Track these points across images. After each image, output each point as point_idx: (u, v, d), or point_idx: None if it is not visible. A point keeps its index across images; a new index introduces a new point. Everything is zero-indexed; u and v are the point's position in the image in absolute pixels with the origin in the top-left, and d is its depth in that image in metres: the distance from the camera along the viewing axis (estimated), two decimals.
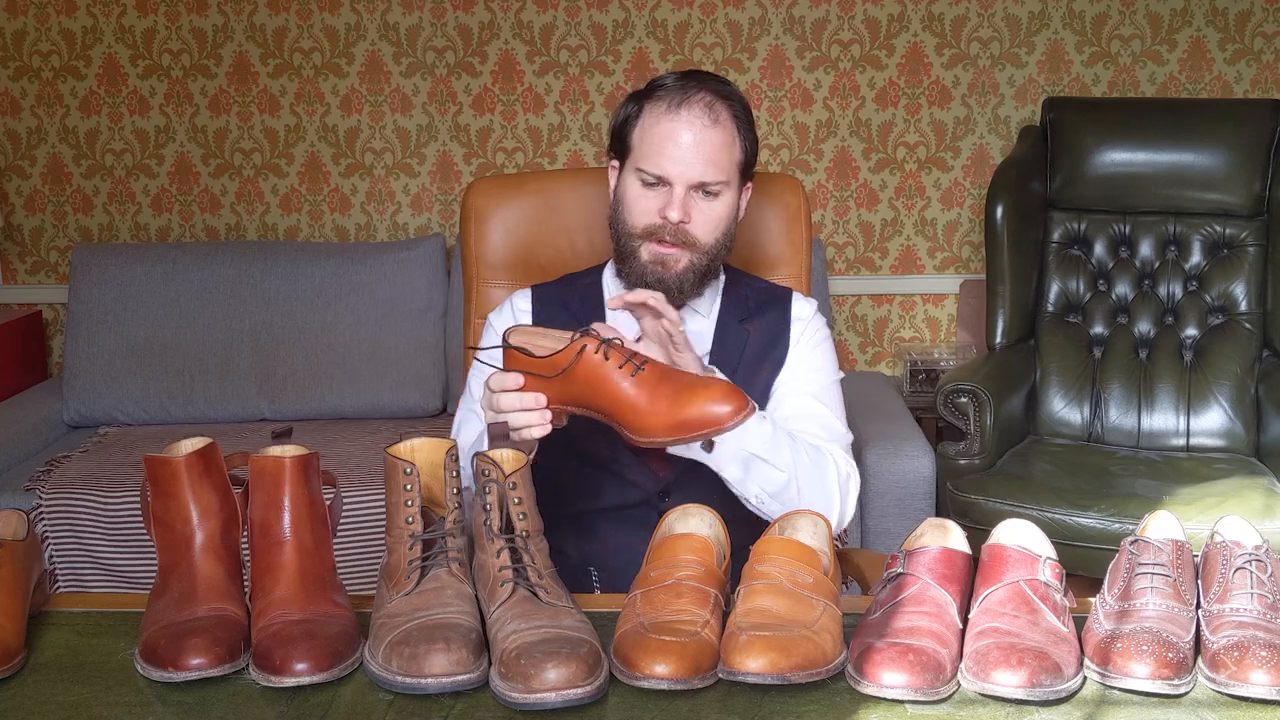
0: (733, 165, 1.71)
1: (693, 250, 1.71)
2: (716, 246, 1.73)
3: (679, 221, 1.68)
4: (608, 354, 1.40)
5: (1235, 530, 1.35)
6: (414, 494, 1.31)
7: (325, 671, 1.20)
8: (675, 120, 1.68)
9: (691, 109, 1.68)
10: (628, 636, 1.22)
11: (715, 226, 1.72)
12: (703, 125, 1.68)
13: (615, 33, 3.60)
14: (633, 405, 1.39)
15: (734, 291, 1.84)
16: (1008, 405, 3.08)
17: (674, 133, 1.68)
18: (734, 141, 1.71)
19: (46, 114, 3.70)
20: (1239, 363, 3.16)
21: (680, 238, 1.69)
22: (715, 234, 1.72)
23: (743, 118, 1.73)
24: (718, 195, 1.71)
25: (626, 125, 1.74)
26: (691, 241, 1.70)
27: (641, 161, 1.70)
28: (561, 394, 1.44)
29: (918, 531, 1.41)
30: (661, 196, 1.70)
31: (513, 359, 1.47)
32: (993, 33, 3.58)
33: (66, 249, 3.76)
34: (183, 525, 1.31)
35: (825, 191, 3.68)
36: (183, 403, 3.39)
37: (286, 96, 3.67)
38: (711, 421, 1.37)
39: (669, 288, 1.70)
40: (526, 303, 1.83)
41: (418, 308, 3.41)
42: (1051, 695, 1.16)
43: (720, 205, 1.71)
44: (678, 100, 1.69)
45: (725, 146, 1.70)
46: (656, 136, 1.69)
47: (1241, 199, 3.21)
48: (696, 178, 1.68)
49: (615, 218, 1.76)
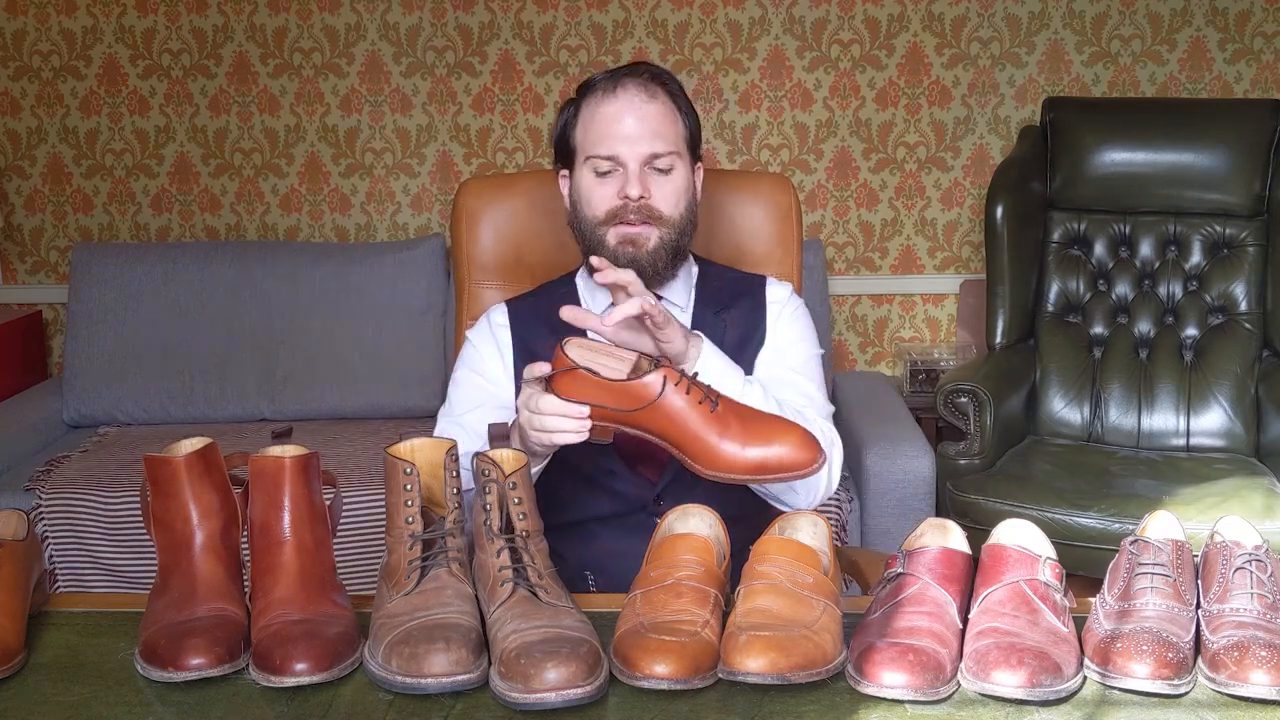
0: (678, 138, 1.74)
1: (660, 225, 1.72)
2: (683, 221, 1.74)
3: (640, 197, 1.70)
4: (688, 389, 1.39)
5: (1235, 530, 1.35)
6: (414, 494, 1.31)
7: (325, 671, 1.20)
8: (614, 103, 1.72)
9: (627, 89, 1.72)
10: (627, 636, 1.22)
11: (676, 199, 1.73)
12: (641, 101, 1.72)
13: (615, 33, 3.60)
14: (705, 442, 1.39)
15: (707, 283, 1.84)
16: (1008, 405, 3.08)
17: (616, 115, 1.71)
18: (675, 116, 1.74)
19: (46, 114, 3.70)
20: (1239, 363, 3.16)
21: (645, 214, 1.71)
22: (678, 207, 1.73)
23: (680, 95, 1.77)
24: (670, 170, 1.72)
25: (567, 129, 1.77)
26: (657, 215, 1.72)
27: (591, 149, 1.73)
28: (622, 417, 1.42)
29: (918, 531, 1.41)
30: (617, 179, 1.72)
31: (576, 380, 1.43)
32: (993, 33, 3.58)
33: (66, 249, 3.76)
34: (183, 525, 1.31)
35: (825, 191, 3.68)
36: (183, 403, 3.39)
37: (286, 96, 3.67)
38: (789, 468, 1.37)
39: (642, 267, 1.71)
40: (504, 317, 1.82)
41: (418, 308, 3.41)
42: (1051, 695, 1.16)
43: (676, 179, 1.73)
44: (612, 85, 1.73)
45: (668, 119, 1.73)
46: (600, 123, 1.72)
47: (1241, 199, 3.21)
48: (646, 150, 1.70)
49: (575, 219, 1.77)
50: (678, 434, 1.40)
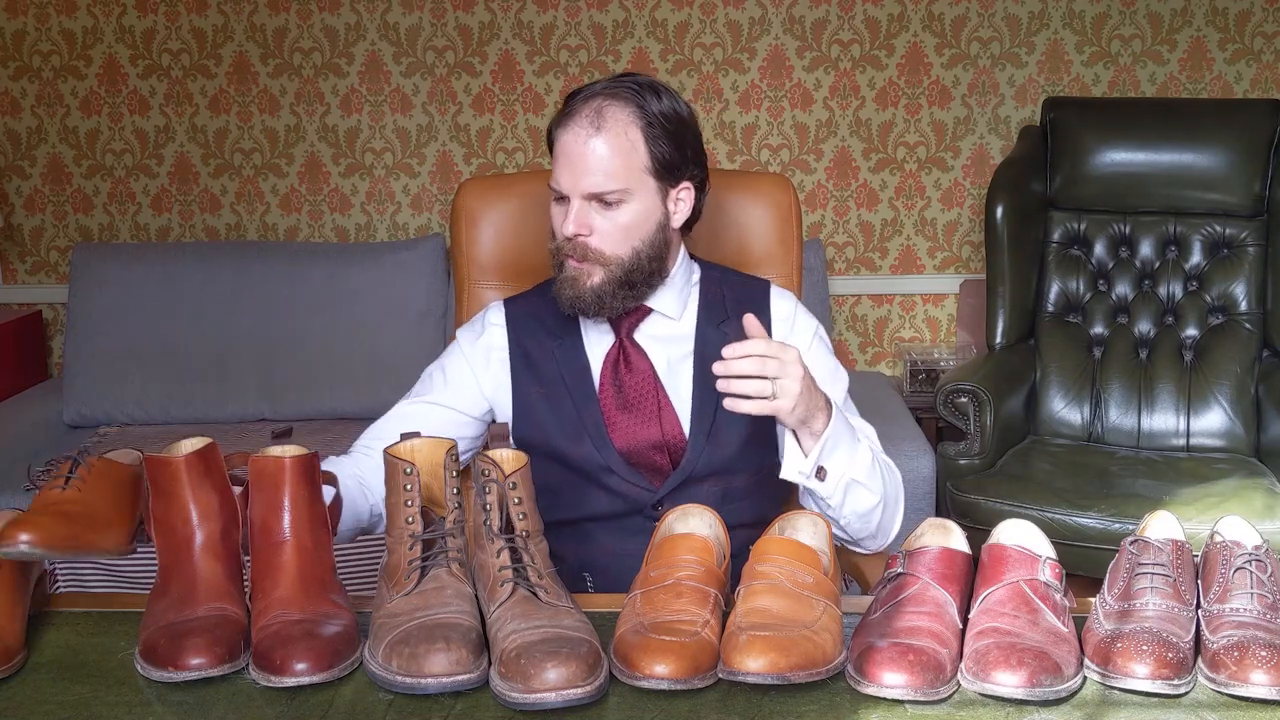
0: (633, 170, 1.64)
1: (602, 264, 1.66)
2: (635, 256, 1.66)
3: (575, 235, 1.65)
4: None
5: (1235, 530, 1.35)
6: (414, 494, 1.31)
7: (325, 671, 1.20)
8: (565, 133, 1.65)
9: (576, 120, 1.64)
10: (627, 636, 1.22)
11: (623, 236, 1.65)
12: (587, 135, 1.63)
13: (615, 33, 3.60)
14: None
15: (710, 290, 1.80)
16: (1008, 405, 3.08)
17: (565, 146, 1.65)
18: (632, 146, 1.63)
19: (46, 114, 3.70)
20: (1239, 363, 3.16)
21: (581, 253, 1.66)
22: (627, 244, 1.66)
23: (653, 119, 1.65)
24: (620, 204, 1.64)
25: (550, 145, 1.73)
26: (596, 255, 1.66)
27: (551, 179, 1.69)
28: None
29: (918, 531, 1.41)
30: (564, 212, 1.66)
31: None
32: (993, 33, 3.58)
33: (66, 249, 3.76)
34: (183, 525, 1.31)
35: (825, 191, 3.68)
36: (183, 403, 3.39)
37: (286, 96, 3.67)
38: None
39: (587, 303, 1.67)
40: (500, 317, 1.80)
41: (418, 308, 3.41)
42: (1051, 695, 1.16)
43: (624, 214, 1.65)
44: (567, 112, 1.66)
45: (620, 151, 1.63)
46: (556, 152, 1.66)
47: (1241, 199, 3.21)
48: (585, 188, 1.63)
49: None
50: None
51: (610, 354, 1.75)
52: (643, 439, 1.71)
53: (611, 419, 1.72)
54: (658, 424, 1.72)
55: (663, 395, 1.73)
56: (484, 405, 1.78)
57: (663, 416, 1.72)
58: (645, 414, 1.72)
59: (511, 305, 1.82)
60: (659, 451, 1.72)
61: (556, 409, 1.73)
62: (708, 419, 1.71)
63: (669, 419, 1.72)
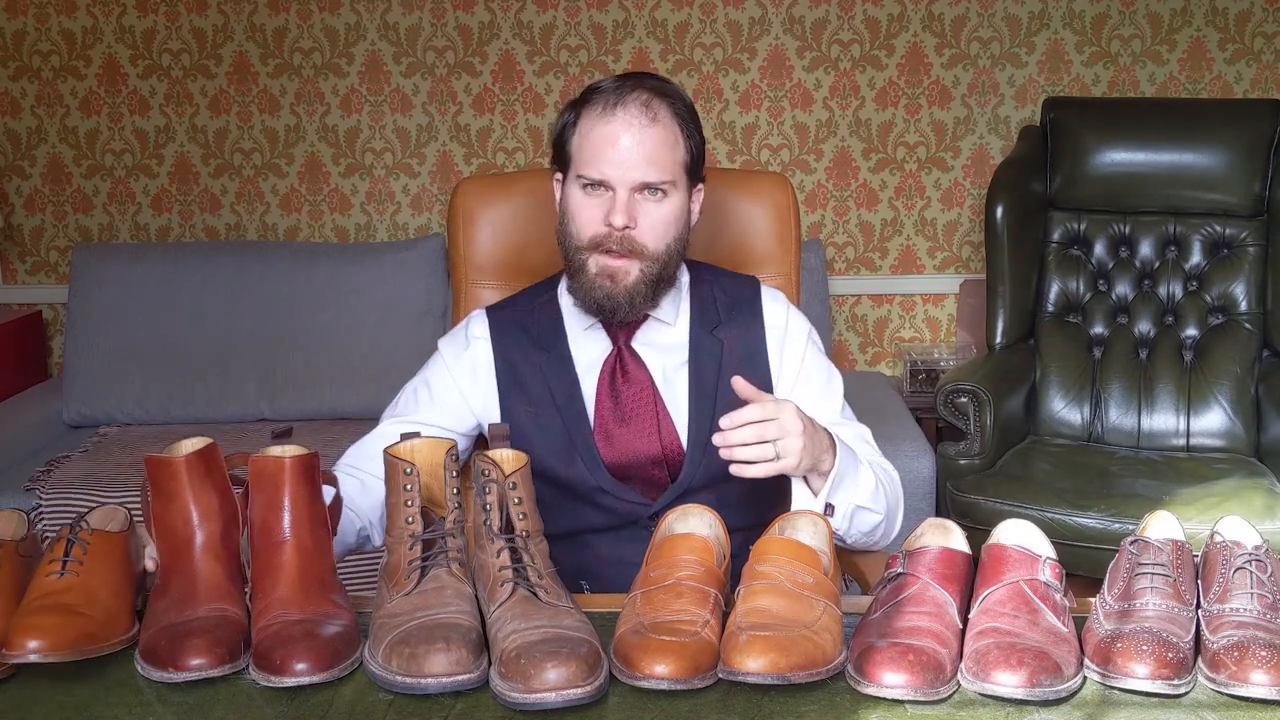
0: (676, 164, 1.65)
1: (641, 259, 1.63)
2: (668, 253, 1.65)
3: (624, 227, 1.62)
4: None
5: (1235, 530, 1.35)
6: (414, 494, 1.31)
7: (325, 671, 1.20)
8: (612, 122, 1.62)
9: (628, 109, 1.62)
10: (627, 636, 1.22)
11: (664, 230, 1.64)
12: (641, 124, 1.62)
13: (615, 33, 3.60)
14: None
15: (700, 293, 1.77)
16: (1008, 405, 3.08)
17: (611, 135, 1.62)
18: (676, 140, 1.65)
19: (46, 114, 3.70)
20: (1239, 363, 3.16)
21: (627, 246, 1.62)
22: (665, 239, 1.65)
23: (685, 116, 1.66)
24: (664, 197, 1.64)
25: (564, 135, 1.68)
26: (639, 250, 1.63)
27: (582, 168, 1.64)
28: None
29: (918, 531, 1.41)
30: (605, 203, 1.63)
31: None
32: (993, 33, 3.58)
33: (66, 249, 3.76)
34: (183, 526, 1.31)
35: (825, 191, 3.68)
36: (183, 403, 3.39)
37: (286, 96, 3.67)
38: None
39: (619, 303, 1.65)
40: (483, 329, 1.76)
41: (418, 307, 3.41)
42: (1051, 695, 1.16)
43: (668, 207, 1.64)
44: (613, 102, 1.63)
45: (667, 145, 1.63)
46: (594, 141, 1.63)
47: (1241, 199, 3.21)
48: (639, 178, 1.62)
49: (562, 231, 1.70)
50: None
51: (608, 363, 1.72)
52: (641, 453, 1.69)
53: (608, 432, 1.69)
54: (657, 438, 1.69)
55: (661, 408, 1.70)
56: (472, 421, 1.76)
57: (662, 430, 1.69)
58: (643, 427, 1.69)
59: (495, 314, 1.78)
60: (657, 465, 1.69)
61: (546, 430, 1.70)
62: (704, 431, 1.66)
63: (668, 432, 1.70)
